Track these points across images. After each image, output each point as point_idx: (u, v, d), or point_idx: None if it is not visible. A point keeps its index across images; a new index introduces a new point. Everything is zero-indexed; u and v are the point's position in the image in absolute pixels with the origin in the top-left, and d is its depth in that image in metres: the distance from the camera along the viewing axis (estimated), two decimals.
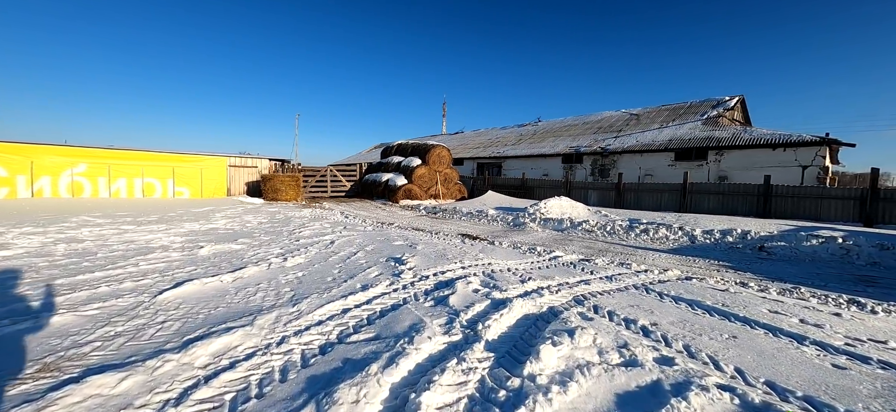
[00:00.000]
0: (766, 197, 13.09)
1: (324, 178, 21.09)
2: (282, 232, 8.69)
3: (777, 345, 3.40)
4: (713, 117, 24.76)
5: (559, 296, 4.53)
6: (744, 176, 19.08)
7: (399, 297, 4.25)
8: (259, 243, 7.21)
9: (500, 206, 15.22)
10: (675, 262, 7.20)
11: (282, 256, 6.09)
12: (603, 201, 17.50)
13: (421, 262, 5.93)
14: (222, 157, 17.55)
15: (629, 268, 6.45)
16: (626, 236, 10.11)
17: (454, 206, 15.80)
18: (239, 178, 18.11)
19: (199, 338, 3.06)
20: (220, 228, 8.86)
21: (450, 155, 21.14)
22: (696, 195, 14.78)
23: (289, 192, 16.97)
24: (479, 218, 13.37)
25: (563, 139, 30.94)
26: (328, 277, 5.00)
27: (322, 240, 7.66)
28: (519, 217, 12.56)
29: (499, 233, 10.19)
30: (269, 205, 15.26)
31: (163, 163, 16.05)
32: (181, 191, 16.49)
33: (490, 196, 17.75)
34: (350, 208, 16.04)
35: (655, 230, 10.11)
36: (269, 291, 4.34)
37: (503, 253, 7.21)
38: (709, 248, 8.85)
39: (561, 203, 13.53)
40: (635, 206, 16.21)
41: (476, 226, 11.59)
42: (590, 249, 8.23)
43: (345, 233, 8.70)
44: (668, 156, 22.55)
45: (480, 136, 41.98)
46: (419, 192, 18.95)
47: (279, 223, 10.21)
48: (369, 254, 6.52)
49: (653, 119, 28.80)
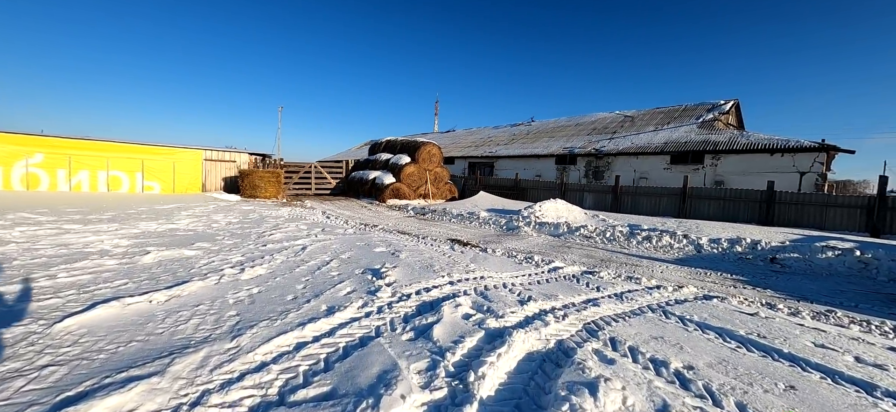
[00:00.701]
0: (770, 203, 12.57)
1: (308, 175, 20.07)
2: (250, 234, 7.77)
3: (846, 400, 2.67)
4: (708, 121, 24.40)
5: (567, 325, 3.75)
6: (740, 181, 18.66)
7: (371, 326, 3.42)
8: (219, 249, 6.30)
9: (492, 208, 14.46)
10: (686, 276, 6.51)
11: (240, 266, 5.20)
12: (599, 204, 16.88)
13: (403, 276, 5.10)
14: (197, 149, 16.42)
15: (639, 282, 5.73)
16: (627, 244, 9.43)
17: (444, 206, 14.99)
18: (215, 173, 16.99)
19: (79, 397, 2.19)
20: (180, 229, 7.90)
21: (440, 153, 20.32)
22: (696, 200, 14.22)
23: (268, 189, 15.93)
24: (470, 220, 12.58)
25: (556, 140, 30.37)
26: (288, 296, 4.14)
27: (293, 246, 6.77)
28: (513, 220, 11.81)
29: (491, 239, 9.41)
30: (246, 202, 14.24)
31: (130, 155, 14.87)
32: (151, 185, 15.33)
33: (482, 197, 16.99)
34: (333, 208, 15.10)
35: (658, 238, 9.45)
36: (208, 316, 3.47)
37: (497, 262, 6.43)
38: (717, 259, 8.21)
39: (557, 206, 12.83)
40: (632, 211, 15.60)
41: (467, 230, 10.80)
42: (591, 259, 7.49)
43: (321, 238, 7.82)
44: (663, 159, 22.08)
45: (472, 135, 41.24)
46: (408, 191, 18.09)
47: (250, 224, 9.26)
48: (344, 264, 5.67)
49: (647, 121, 28.38)
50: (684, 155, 21.23)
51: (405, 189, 17.99)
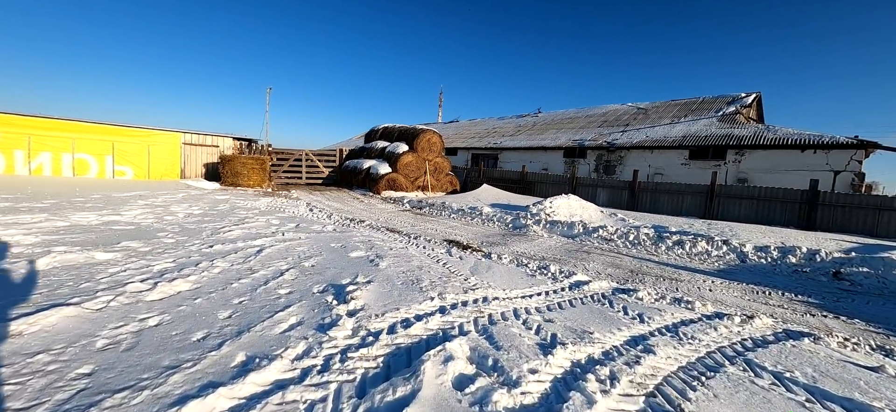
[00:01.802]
0: (812, 205, 11.10)
1: (298, 164, 18.67)
2: (202, 231, 6.41)
3: None
4: (729, 114, 22.79)
5: (621, 398, 2.36)
6: (766, 179, 17.14)
7: (300, 405, 2.05)
8: (149, 250, 4.94)
9: (496, 203, 13.05)
10: (742, 297, 5.11)
11: (158, 278, 3.84)
12: (614, 201, 15.43)
13: (377, 297, 3.73)
14: (175, 132, 15.01)
15: (691, 307, 4.34)
16: (655, 249, 8.02)
17: (444, 200, 13.59)
18: (195, 159, 15.62)
19: None
20: (120, 223, 6.55)
21: (441, 142, 18.86)
22: (725, 199, 12.73)
23: (252, 177, 14.55)
24: (471, 216, 11.18)
25: (564, 132, 28.83)
26: (196, 334, 2.78)
27: (247, 248, 5.41)
28: (520, 217, 10.40)
29: (496, 240, 8.02)
30: (223, 191, 12.88)
31: (99, 136, 13.50)
32: (123, 170, 13.98)
33: (485, 190, 15.56)
34: (321, 199, 13.74)
35: (692, 243, 8.03)
36: (35, 380, 2.11)
37: (504, 274, 5.05)
38: (767, 272, 6.80)
39: (569, 202, 11.41)
40: (651, 209, 14.15)
41: (468, 228, 9.41)
42: (618, 269, 6.10)
43: (289, 237, 6.45)
44: (681, 153, 20.55)
45: (476, 126, 39.71)
46: (405, 182, 16.68)
47: (213, 217, 7.90)
48: (303, 277, 4.30)
49: (662, 114, 26.79)
50: (704, 150, 19.69)
51: (402, 180, 16.58)
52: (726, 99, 25.98)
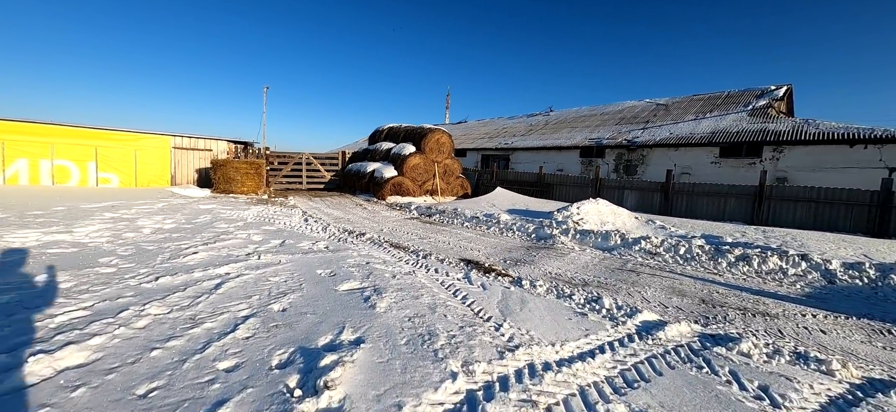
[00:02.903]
0: (884, 208, 9.53)
1: (298, 168, 17.51)
2: (162, 253, 5.17)
3: None
4: (761, 108, 21.12)
5: None
6: (810, 178, 15.50)
7: None
8: (71, 287, 3.70)
9: (514, 209, 11.69)
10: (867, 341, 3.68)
11: (42, 344, 2.58)
12: (644, 205, 13.93)
13: (367, 378, 2.42)
14: (165, 135, 13.92)
15: (827, 370, 2.96)
16: (714, 267, 6.60)
17: (455, 206, 12.27)
18: (187, 164, 14.52)
19: None
20: (62, 244, 5.35)
21: (451, 142, 17.55)
22: (777, 202, 11.17)
23: (246, 183, 13.39)
24: (487, 225, 9.84)
25: (580, 130, 27.34)
26: None
27: (205, 280, 4.15)
28: (543, 226, 9.03)
29: (521, 255, 6.67)
30: (213, 199, 11.72)
31: (81, 141, 12.45)
32: (107, 178, 12.92)
33: (499, 194, 14.21)
34: (321, 206, 12.52)
35: (761, 259, 6.59)
36: None
37: (545, 313, 3.71)
38: (870, 298, 5.34)
39: (599, 208, 10.01)
40: (689, 214, 12.65)
41: (485, 240, 8.06)
42: (684, 297, 4.71)
43: (266, 260, 5.18)
44: (710, 151, 18.96)
45: (486, 126, 38.37)
46: (412, 186, 15.39)
47: (185, 234, 6.69)
48: (261, 336, 3.01)
49: (684, 110, 25.15)
50: (737, 146, 18.09)
51: (409, 184, 15.29)
52: (754, 92, 24.28)
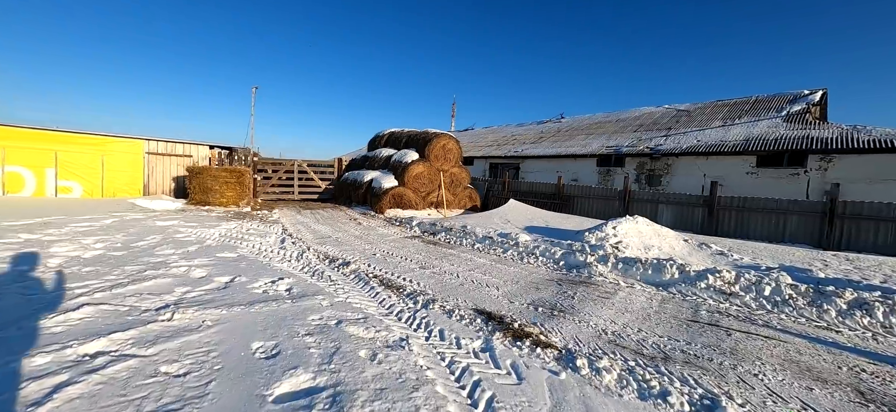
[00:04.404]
0: None
1: (290, 176, 15.93)
2: (32, 304, 3.50)
3: None
4: (797, 113, 19.26)
5: None
6: (864, 191, 13.61)
7: None
8: None
9: (532, 226, 9.94)
10: None
11: None
12: (684, 222, 12.11)
13: None
14: (137, 139, 12.42)
15: None
16: (818, 315, 4.82)
17: (464, 222, 10.54)
18: (163, 171, 12.99)
19: None
20: None
21: (459, 148, 15.89)
22: (853, 221, 9.30)
23: (226, 193, 11.81)
24: (503, 248, 8.09)
25: (595, 138, 25.58)
26: None
27: (41, 374, 2.46)
28: (574, 251, 7.27)
29: (555, 297, 4.92)
30: (182, 213, 10.11)
31: (38, 144, 10.96)
32: (68, 186, 11.40)
33: (513, 208, 12.47)
34: (309, 221, 10.87)
35: (889, 307, 4.78)
36: None
37: None
38: None
39: (639, 228, 8.25)
40: (738, 233, 10.81)
41: (503, 269, 6.32)
42: (823, 383, 2.92)
43: (183, 319, 3.50)
44: (745, 160, 17.10)
45: (493, 133, 36.76)
46: (414, 198, 13.71)
47: (109, 265, 5.03)
48: None
49: (709, 116, 23.33)
50: (777, 155, 16.21)
51: (411, 195, 13.62)
52: (786, 97, 22.40)
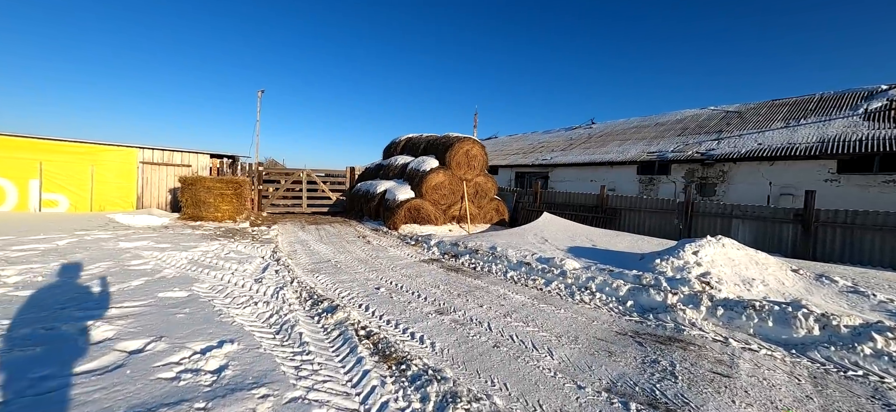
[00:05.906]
0: None
1: (297, 187, 14.63)
2: None
3: None
4: (878, 110, 16.45)
5: None
6: None
7: None
8: None
9: (576, 247, 8.00)
10: None
11: None
12: (766, 242, 9.84)
13: None
14: (130, 148, 11.39)
15: None
16: None
17: (492, 241, 8.72)
18: (158, 183, 11.90)
19: None
20: None
21: (485, 155, 14.17)
22: None
23: (222, 207, 10.52)
24: (545, 280, 6.22)
25: (633, 143, 23.28)
26: None
27: None
28: (644, 287, 5.35)
29: (641, 379, 3.05)
30: (165, 230, 8.80)
31: (20, 153, 10.03)
32: (54, 199, 10.41)
33: (549, 223, 10.55)
34: (311, 239, 9.36)
35: None
36: None
37: None
38: None
39: (728, 253, 6.23)
40: (847, 259, 8.50)
41: (551, 316, 4.49)
42: None
43: None
44: (823, 165, 14.56)
45: (518, 141, 34.85)
46: (433, 212, 12.03)
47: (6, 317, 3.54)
48: None
49: (765, 117, 20.66)
50: (863, 160, 13.63)
51: (429, 208, 11.95)
52: (859, 93, 19.50)
